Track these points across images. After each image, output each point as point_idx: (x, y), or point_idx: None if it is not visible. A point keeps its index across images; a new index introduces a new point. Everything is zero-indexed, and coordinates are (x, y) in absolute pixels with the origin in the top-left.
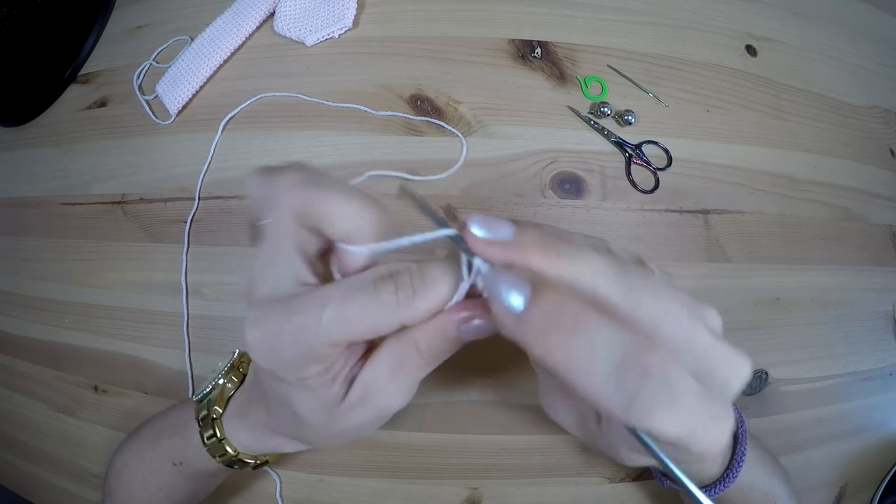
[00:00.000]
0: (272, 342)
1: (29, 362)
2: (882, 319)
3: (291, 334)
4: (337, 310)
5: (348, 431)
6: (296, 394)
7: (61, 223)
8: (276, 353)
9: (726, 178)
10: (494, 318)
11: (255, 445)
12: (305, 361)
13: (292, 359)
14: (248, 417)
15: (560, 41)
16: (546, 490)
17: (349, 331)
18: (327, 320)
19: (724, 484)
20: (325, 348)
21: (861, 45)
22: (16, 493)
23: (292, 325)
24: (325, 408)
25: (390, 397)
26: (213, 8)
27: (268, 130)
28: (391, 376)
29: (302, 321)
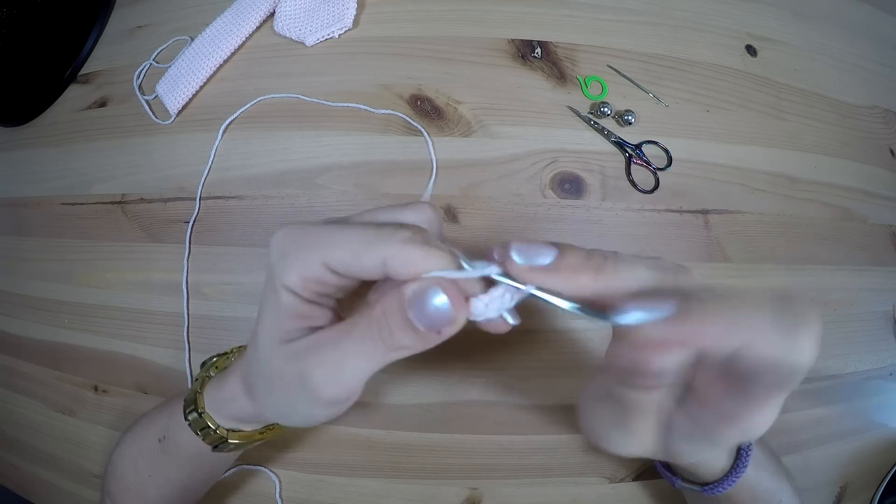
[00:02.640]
0: (286, 242)
1: (29, 362)
2: (882, 319)
3: (301, 241)
4: (343, 232)
5: (283, 387)
6: (267, 304)
7: (61, 223)
8: (283, 251)
9: (726, 178)
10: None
11: (226, 409)
12: (299, 267)
13: (291, 259)
14: (226, 381)
15: (560, 41)
16: (546, 490)
17: (342, 252)
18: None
19: (734, 476)
20: (318, 265)
21: (861, 45)
22: (16, 493)
23: (309, 236)
24: (276, 333)
25: (326, 371)
26: (213, 8)
27: (268, 131)
28: (338, 343)
29: (315, 235)
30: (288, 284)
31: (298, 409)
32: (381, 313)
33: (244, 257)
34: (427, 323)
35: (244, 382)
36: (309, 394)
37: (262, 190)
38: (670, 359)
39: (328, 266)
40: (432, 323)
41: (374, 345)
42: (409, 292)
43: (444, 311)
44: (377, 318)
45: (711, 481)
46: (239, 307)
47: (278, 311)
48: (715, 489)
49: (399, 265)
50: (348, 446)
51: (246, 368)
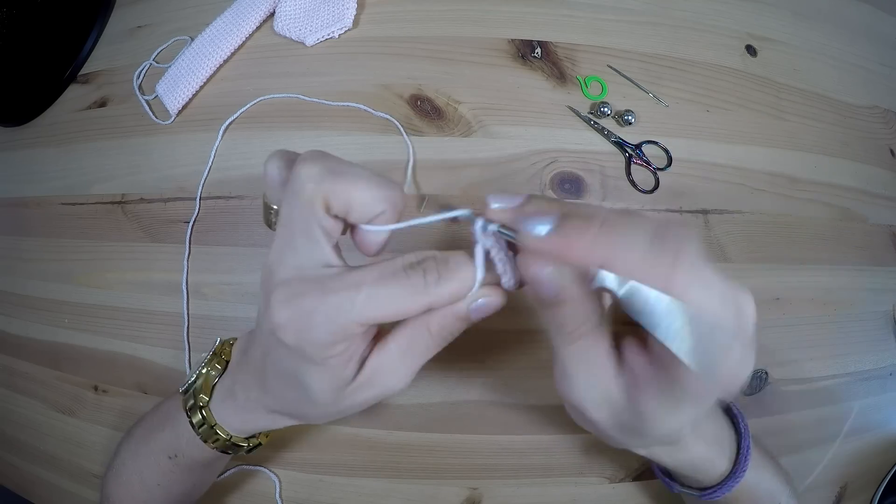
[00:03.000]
0: (305, 320)
1: (29, 362)
2: (882, 319)
3: (325, 314)
4: (371, 291)
5: (349, 409)
6: (313, 372)
7: (61, 223)
8: (307, 332)
9: (726, 178)
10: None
11: (245, 426)
12: (334, 340)
13: (323, 338)
14: (236, 398)
15: (560, 41)
16: (546, 490)
17: (381, 311)
18: (361, 301)
19: (733, 480)
20: (356, 327)
21: (861, 45)
22: (16, 493)
23: (327, 304)
24: (336, 387)
25: (397, 378)
26: (213, 8)
27: (268, 130)
28: (401, 358)
29: (337, 301)
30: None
31: (358, 410)
32: (440, 329)
33: (244, 257)
34: (480, 316)
35: (253, 371)
36: (381, 398)
37: (262, 190)
38: (550, 271)
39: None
40: (485, 315)
41: (434, 348)
42: (467, 309)
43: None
44: (437, 334)
45: (710, 486)
46: (239, 307)
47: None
48: (714, 493)
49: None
50: (348, 446)
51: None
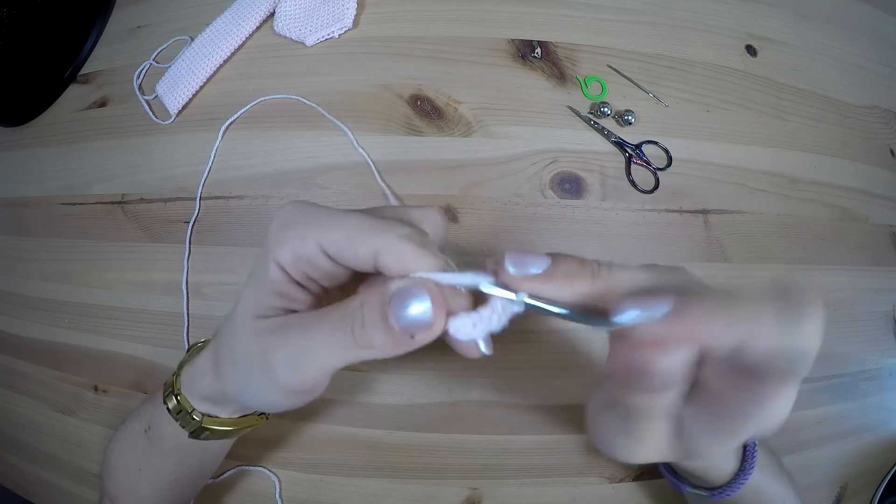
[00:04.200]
0: (290, 219)
1: (29, 362)
2: (882, 319)
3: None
4: (346, 219)
5: (244, 362)
6: (254, 277)
7: (61, 223)
8: (284, 226)
9: (726, 178)
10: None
11: (196, 390)
12: (294, 244)
13: (290, 232)
14: (194, 365)
15: (560, 41)
16: (546, 490)
17: (339, 237)
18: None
19: (741, 479)
20: (314, 247)
21: (861, 45)
22: (16, 493)
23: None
24: (253, 307)
25: (288, 358)
26: (213, 8)
27: (268, 131)
28: (305, 327)
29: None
30: (279, 259)
31: (257, 390)
32: (359, 305)
33: (244, 257)
34: (404, 323)
35: (214, 357)
36: (268, 377)
37: (262, 190)
38: (672, 358)
39: (322, 248)
40: (409, 324)
41: (343, 337)
42: (394, 288)
43: (424, 314)
44: (353, 309)
45: (719, 485)
46: None
47: (262, 285)
48: (723, 493)
49: (391, 260)
50: (348, 446)
51: (217, 341)
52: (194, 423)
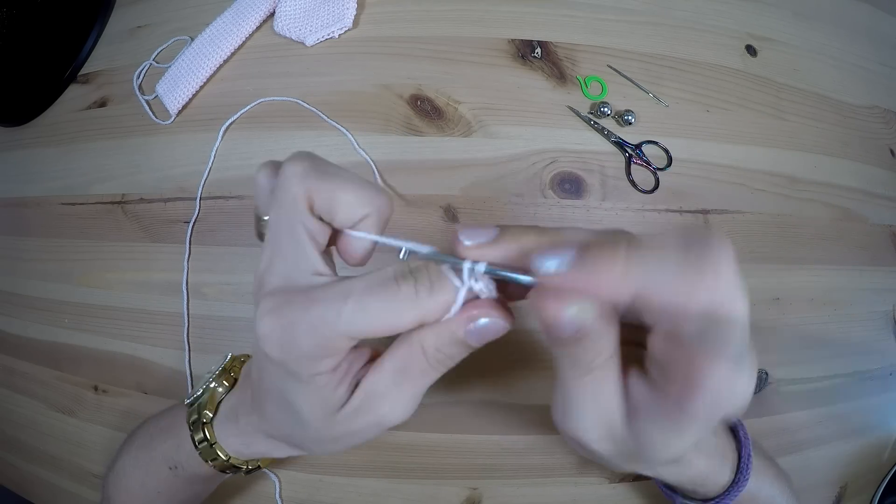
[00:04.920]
0: (288, 332)
1: (29, 362)
2: (882, 319)
3: (309, 324)
4: (358, 302)
5: (344, 437)
6: (300, 391)
7: (61, 223)
8: (290, 344)
9: (726, 178)
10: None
11: (245, 450)
12: (320, 354)
13: (307, 350)
14: (238, 421)
15: (560, 41)
16: (546, 490)
17: (369, 324)
18: (348, 312)
19: (735, 491)
20: (343, 341)
21: (861, 45)
22: (16, 493)
23: (311, 315)
24: (326, 409)
25: (391, 404)
26: (213, 8)
27: (268, 131)
28: (394, 381)
29: (322, 311)
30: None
31: (358, 442)
32: (436, 350)
33: (244, 257)
34: (483, 340)
35: (264, 430)
36: (380, 429)
37: None
38: (570, 309)
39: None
40: (487, 338)
41: (432, 375)
42: (463, 329)
43: (498, 325)
44: (434, 357)
45: (713, 497)
46: (239, 307)
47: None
48: (721, 502)
49: (437, 314)
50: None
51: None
52: (229, 466)
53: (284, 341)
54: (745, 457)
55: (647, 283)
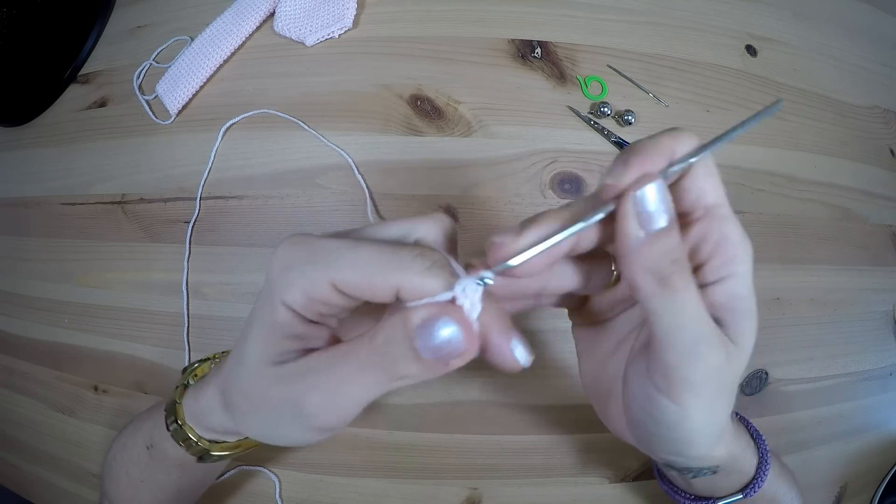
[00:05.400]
0: (293, 256)
1: (29, 362)
2: (882, 319)
3: (310, 256)
4: (355, 251)
5: (265, 405)
6: (261, 317)
7: (61, 223)
8: (288, 267)
9: (726, 178)
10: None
11: (202, 418)
12: (302, 287)
13: (293, 277)
14: (204, 386)
15: (560, 41)
16: (546, 490)
17: (353, 269)
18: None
19: (761, 477)
20: (325, 285)
21: (861, 45)
22: (16, 493)
23: (315, 247)
24: (268, 352)
25: (322, 394)
26: (213, 8)
27: (268, 131)
28: (332, 362)
29: (326, 247)
30: (288, 302)
31: (286, 432)
32: (384, 342)
33: (244, 257)
34: (435, 354)
35: (222, 396)
36: (302, 421)
37: (261, 190)
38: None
39: (336, 286)
40: (440, 354)
41: (375, 373)
42: (417, 320)
43: (454, 342)
44: (379, 347)
45: (737, 490)
46: (239, 307)
47: (273, 330)
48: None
49: (414, 294)
50: (348, 446)
51: (225, 383)
52: (200, 450)
53: (285, 260)
54: (762, 447)
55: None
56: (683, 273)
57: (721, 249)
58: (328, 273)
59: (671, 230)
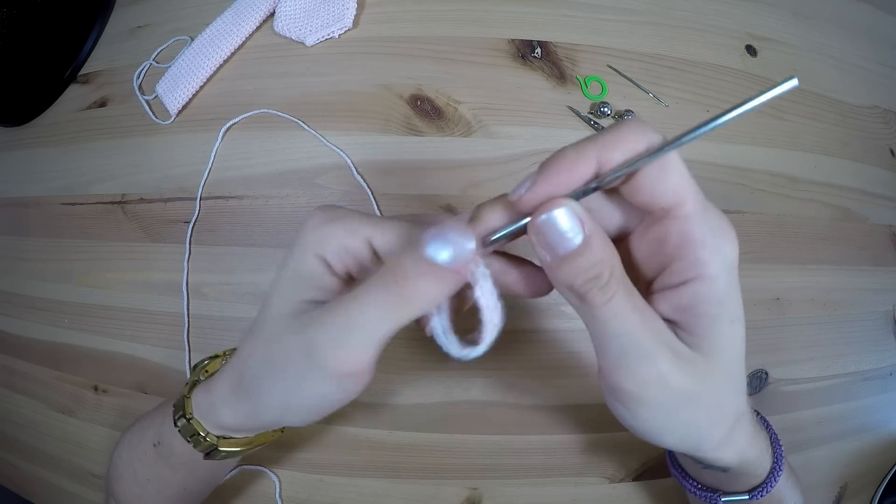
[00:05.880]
0: (327, 214)
1: (29, 362)
2: (882, 319)
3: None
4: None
5: (285, 365)
6: (289, 274)
7: (61, 223)
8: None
9: (726, 178)
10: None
11: (209, 412)
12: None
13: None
14: (215, 381)
15: (560, 41)
16: (546, 490)
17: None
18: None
19: (767, 488)
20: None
21: (861, 45)
22: (16, 493)
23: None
24: (290, 304)
25: (335, 329)
26: (213, 8)
27: (268, 131)
28: (345, 303)
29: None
30: (322, 251)
31: (304, 389)
32: (393, 263)
33: (244, 257)
34: (440, 254)
35: (235, 383)
36: (318, 368)
37: (262, 190)
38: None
39: (372, 243)
40: (445, 253)
41: (385, 295)
42: (426, 235)
43: (460, 241)
44: (388, 267)
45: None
46: (239, 307)
47: (300, 280)
48: (761, 491)
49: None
50: (348, 446)
51: (241, 363)
52: (208, 445)
53: (325, 216)
54: (777, 450)
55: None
56: (603, 288)
57: (683, 252)
58: (367, 229)
59: (585, 250)
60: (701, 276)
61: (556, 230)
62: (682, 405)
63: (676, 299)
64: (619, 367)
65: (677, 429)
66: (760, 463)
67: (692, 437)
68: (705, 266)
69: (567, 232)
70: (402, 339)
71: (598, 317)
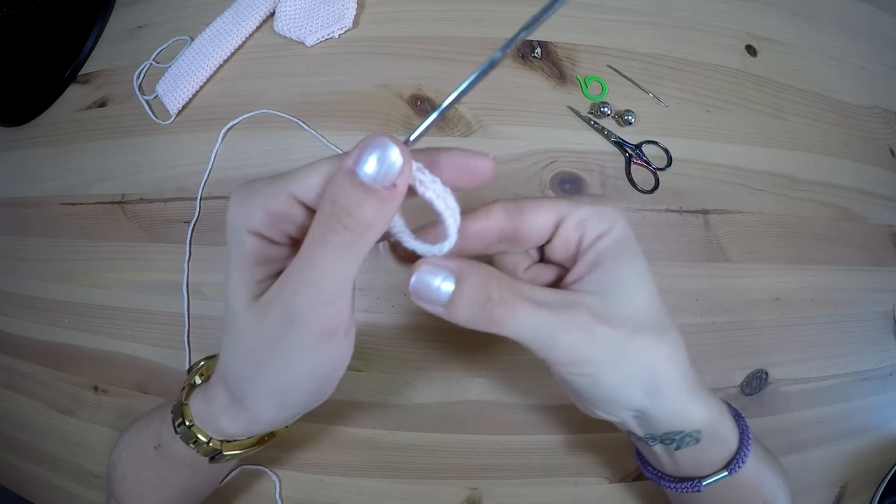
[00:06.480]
0: (245, 195)
1: (29, 362)
2: (882, 319)
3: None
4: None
5: (266, 349)
6: (233, 263)
7: (61, 223)
8: (242, 205)
9: (726, 178)
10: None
11: (204, 412)
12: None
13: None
14: (210, 395)
15: (560, 41)
16: (546, 490)
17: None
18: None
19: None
20: (283, 198)
21: (861, 45)
22: (16, 493)
23: (266, 183)
24: (246, 290)
25: (306, 289)
26: (213, 8)
27: (268, 131)
28: (303, 262)
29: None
30: (251, 226)
31: (299, 367)
32: (329, 197)
33: None
34: (375, 176)
35: (227, 386)
36: (304, 336)
37: None
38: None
39: (296, 197)
40: (381, 174)
41: (340, 239)
42: (350, 160)
43: (388, 158)
44: (329, 209)
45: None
46: None
47: (245, 262)
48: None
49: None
50: (348, 446)
51: (224, 369)
52: (210, 449)
53: (242, 194)
54: (741, 421)
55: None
56: (500, 304)
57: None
58: (286, 186)
59: (463, 286)
60: (598, 238)
61: (429, 287)
62: (623, 350)
63: (585, 268)
64: (555, 349)
65: (635, 378)
66: (725, 424)
67: (654, 384)
68: (594, 230)
69: (439, 282)
70: (402, 339)
71: (514, 327)
